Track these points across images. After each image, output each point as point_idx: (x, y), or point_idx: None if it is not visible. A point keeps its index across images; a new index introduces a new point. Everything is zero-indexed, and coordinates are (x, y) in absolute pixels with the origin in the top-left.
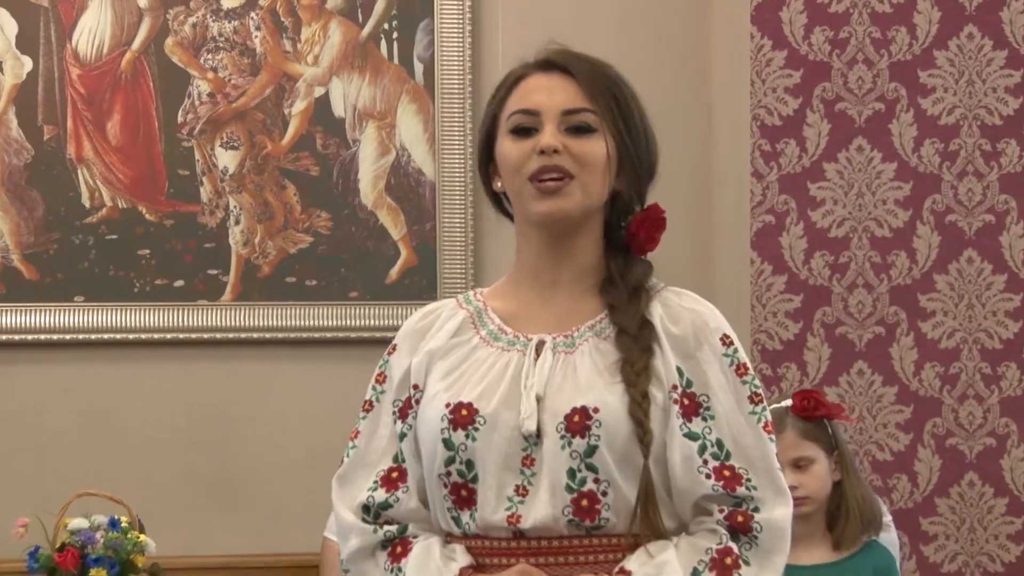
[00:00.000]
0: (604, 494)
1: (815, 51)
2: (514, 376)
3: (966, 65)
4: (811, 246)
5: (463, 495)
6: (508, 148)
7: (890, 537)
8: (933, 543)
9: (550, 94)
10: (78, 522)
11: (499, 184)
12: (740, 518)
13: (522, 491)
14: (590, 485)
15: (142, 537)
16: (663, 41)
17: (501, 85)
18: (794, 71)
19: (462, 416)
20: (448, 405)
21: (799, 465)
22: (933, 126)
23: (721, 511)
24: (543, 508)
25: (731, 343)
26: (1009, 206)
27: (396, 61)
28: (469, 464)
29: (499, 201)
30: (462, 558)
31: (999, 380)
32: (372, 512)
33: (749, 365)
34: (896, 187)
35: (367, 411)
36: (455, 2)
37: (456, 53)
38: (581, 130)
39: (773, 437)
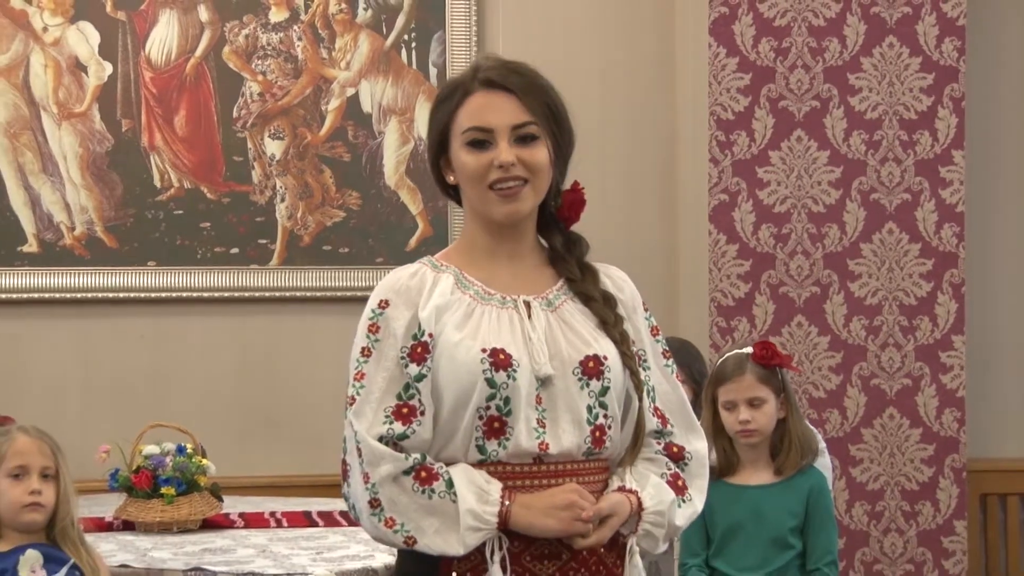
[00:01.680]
0: (609, 427)
1: (762, 58)
2: (520, 328)
3: (887, 69)
4: (759, 220)
5: (495, 426)
6: (468, 160)
7: (824, 461)
8: (860, 466)
9: (498, 113)
10: (151, 448)
11: (452, 179)
12: (675, 449)
13: (541, 424)
14: (601, 420)
15: (204, 461)
16: (636, 51)
17: (447, 98)
18: (744, 74)
19: (500, 360)
20: (484, 350)
21: (754, 404)
22: (860, 120)
23: (659, 443)
24: (570, 438)
25: (648, 309)
26: (923, 187)
27: (414, 67)
28: (507, 400)
29: (447, 190)
30: (495, 480)
31: (914, 331)
32: (386, 442)
33: (659, 327)
34: (829, 171)
35: (367, 356)
36: (463, 18)
37: (464, 60)
38: (527, 139)
39: (681, 385)
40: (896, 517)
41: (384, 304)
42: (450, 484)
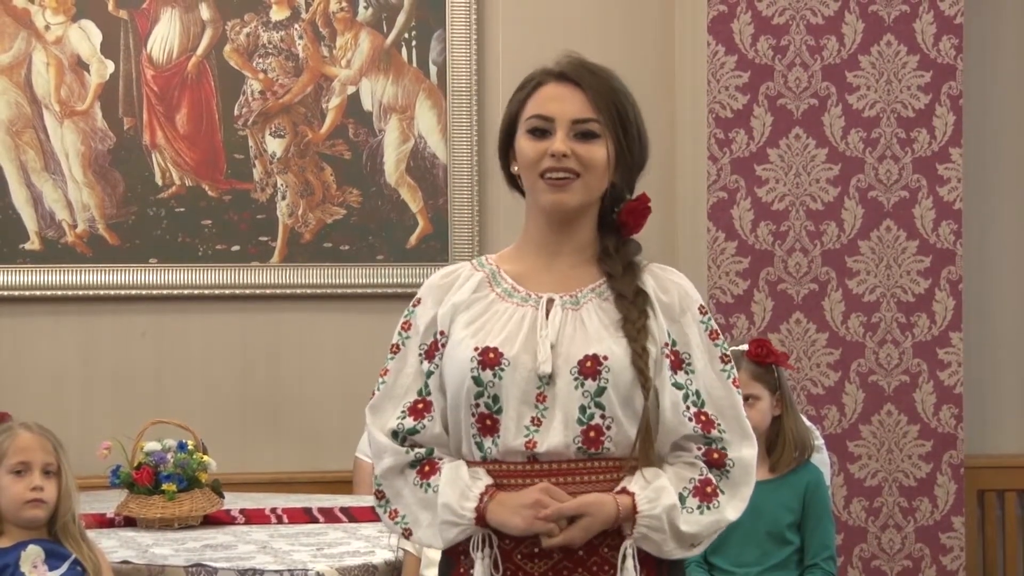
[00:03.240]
0: (608, 428)
1: (760, 56)
2: (530, 327)
3: (885, 67)
4: (757, 217)
5: (488, 424)
6: (526, 146)
7: (822, 457)
8: (858, 462)
9: (562, 104)
10: (152, 445)
11: (515, 168)
12: (716, 455)
13: (537, 422)
14: (597, 420)
15: (205, 457)
16: (636, 49)
17: (522, 87)
18: (743, 72)
19: (490, 358)
20: (476, 349)
21: (747, 401)
22: (858, 118)
23: (699, 448)
24: (557, 436)
25: (706, 312)
26: (920, 184)
27: (415, 65)
28: (495, 398)
29: (514, 180)
30: (485, 478)
31: (912, 327)
32: (400, 437)
33: (719, 332)
34: (827, 168)
35: (394, 353)
36: (464, 17)
37: (464, 59)
38: (587, 136)
39: (740, 390)
40: (894, 513)
41: (417, 302)
42: None
